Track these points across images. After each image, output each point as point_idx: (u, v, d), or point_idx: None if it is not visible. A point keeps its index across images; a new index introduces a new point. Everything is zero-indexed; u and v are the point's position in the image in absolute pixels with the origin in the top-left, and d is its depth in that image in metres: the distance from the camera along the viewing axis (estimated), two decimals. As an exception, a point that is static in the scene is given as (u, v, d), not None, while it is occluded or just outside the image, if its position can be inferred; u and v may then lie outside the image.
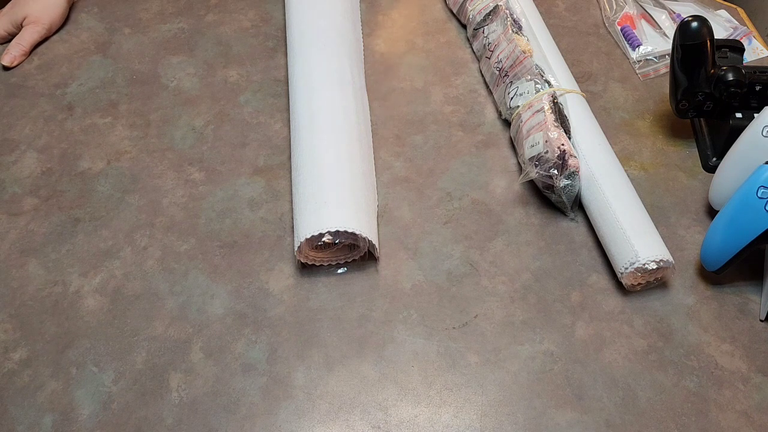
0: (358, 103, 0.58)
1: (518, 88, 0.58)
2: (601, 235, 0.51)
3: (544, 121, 0.54)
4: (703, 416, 0.45)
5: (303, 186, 0.51)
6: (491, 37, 0.64)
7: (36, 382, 0.46)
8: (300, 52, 0.60)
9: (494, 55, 0.62)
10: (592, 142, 0.55)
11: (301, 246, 0.49)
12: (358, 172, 0.52)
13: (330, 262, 0.51)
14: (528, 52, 0.58)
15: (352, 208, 0.49)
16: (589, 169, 0.53)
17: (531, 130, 0.55)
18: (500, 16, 0.63)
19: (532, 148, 0.54)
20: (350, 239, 0.49)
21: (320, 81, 0.57)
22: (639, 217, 0.50)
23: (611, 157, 0.54)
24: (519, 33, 0.61)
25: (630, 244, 0.48)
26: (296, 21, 0.63)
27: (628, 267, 0.48)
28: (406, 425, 0.44)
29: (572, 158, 0.51)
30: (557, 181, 0.52)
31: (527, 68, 0.58)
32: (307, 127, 0.54)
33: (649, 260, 0.47)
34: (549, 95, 0.56)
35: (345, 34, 0.63)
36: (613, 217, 0.50)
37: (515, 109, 0.58)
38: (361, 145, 0.55)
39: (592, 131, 0.56)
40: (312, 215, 0.48)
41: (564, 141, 0.52)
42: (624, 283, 0.49)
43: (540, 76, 0.57)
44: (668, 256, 0.48)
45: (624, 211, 0.50)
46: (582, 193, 0.53)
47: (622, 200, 0.51)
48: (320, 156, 0.52)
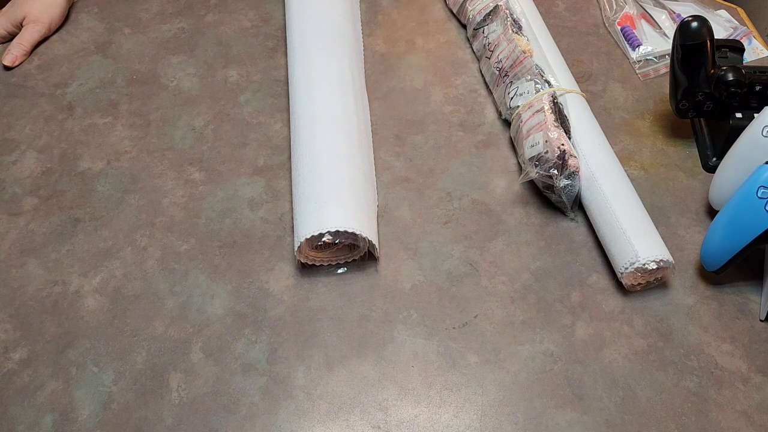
0: (358, 103, 0.58)
1: (518, 88, 0.58)
2: (601, 235, 0.51)
3: (544, 121, 0.54)
4: (703, 416, 0.45)
5: (303, 186, 0.51)
6: (491, 37, 0.63)
7: (36, 382, 0.46)
8: (300, 52, 0.60)
9: (494, 55, 0.62)
10: (592, 142, 0.55)
11: (301, 246, 0.49)
12: (358, 171, 0.52)
13: (330, 262, 0.51)
14: (528, 52, 0.58)
15: (352, 208, 0.49)
16: (589, 169, 0.53)
17: (531, 130, 0.55)
18: (500, 16, 0.63)
19: (532, 148, 0.54)
20: (350, 239, 0.49)
21: (320, 81, 0.57)
22: (639, 217, 0.50)
23: (611, 157, 0.54)
24: (519, 33, 0.61)
25: (630, 244, 0.48)
26: (296, 21, 0.63)
27: (628, 267, 0.48)
28: (406, 425, 0.44)
29: (572, 158, 0.51)
30: (557, 181, 0.52)
31: (527, 68, 0.58)
32: (307, 127, 0.54)
33: (649, 260, 0.47)
34: (549, 95, 0.56)
35: (345, 34, 0.63)
36: (613, 217, 0.50)
37: (515, 109, 0.58)
38: (361, 144, 0.55)
39: (592, 131, 0.56)
40: (312, 215, 0.48)
41: (564, 141, 0.52)
42: (624, 283, 0.49)
43: (540, 76, 0.57)
44: (668, 256, 0.48)
45: (624, 211, 0.50)
46: (582, 193, 0.54)
47: (622, 200, 0.51)
48: (320, 156, 0.52)
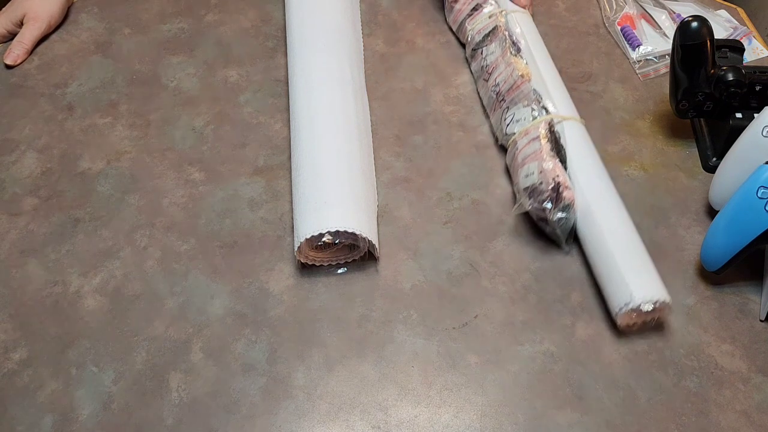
0: (358, 103, 0.58)
1: (514, 114, 0.56)
2: (597, 272, 0.49)
3: (539, 150, 0.52)
4: (703, 416, 0.45)
5: (303, 186, 0.51)
6: (489, 59, 0.61)
7: (36, 382, 0.46)
8: (300, 52, 0.60)
9: (492, 77, 0.60)
10: (590, 173, 0.52)
11: (301, 246, 0.49)
12: (358, 171, 0.52)
13: (330, 262, 0.51)
14: (526, 76, 0.56)
15: (352, 207, 0.49)
16: (586, 202, 0.50)
17: (526, 159, 0.53)
18: (499, 37, 0.61)
19: (526, 178, 0.52)
20: (350, 239, 0.48)
21: (320, 81, 0.57)
22: (636, 255, 0.48)
23: (609, 190, 0.52)
24: (517, 55, 0.59)
25: (625, 284, 0.46)
26: (296, 21, 0.63)
27: (623, 308, 0.46)
28: (406, 425, 0.44)
29: (567, 190, 0.49)
30: (551, 214, 0.50)
31: (524, 93, 0.56)
32: (307, 128, 0.54)
33: (645, 301, 0.45)
34: (546, 123, 0.53)
35: (345, 33, 0.63)
36: (608, 253, 0.48)
37: (511, 135, 0.56)
38: (361, 144, 0.55)
39: (591, 161, 0.53)
40: (312, 215, 0.48)
41: (559, 172, 0.50)
42: (618, 324, 0.47)
43: (537, 102, 0.55)
44: (665, 296, 0.46)
45: (620, 247, 0.48)
46: (578, 226, 0.51)
47: (618, 236, 0.49)
48: (320, 156, 0.52)
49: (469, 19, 0.66)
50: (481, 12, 0.64)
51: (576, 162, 0.53)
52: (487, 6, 0.64)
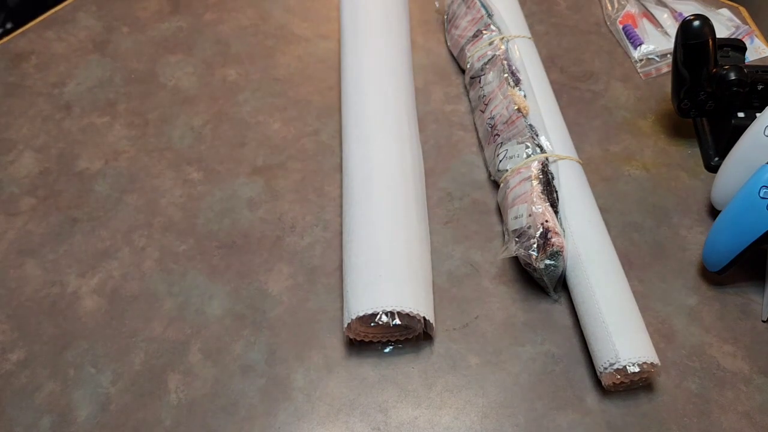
0: (415, 159, 0.54)
1: (508, 150, 0.53)
2: (583, 325, 0.46)
3: (529, 192, 0.49)
4: (705, 417, 0.44)
5: (356, 255, 0.47)
6: (486, 89, 0.58)
7: (34, 383, 0.46)
8: (355, 98, 0.56)
9: (488, 109, 0.57)
10: (583, 217, 0.49)
11: (352, 322, 0.45)
12: (416, 240, 0.48)
13: (380, 340, 0.47)
14: (524, 110, 0.53)
15: (411, 284, 0.45)
16: (576, 249, 0.47)
17: (516, 199, 0.50)
18: (497, 66, 0.58)
19: (515, 219, 0.49)
20: (406, 321, 0.45)
21: (376, 133, 0.53)
22: (625, 310, 0.44)
23: (602, 236, 0.49)
24: (516, 87, 0.56)
25: (611, 342, 0.43)
26: (350, 62, 0.59)
27: (607, 367, 0.43)
28: (407, 427, 0.44)
29: (556, 236, 0.46)
30: (537, 262, 0.47)
31: (519, 129, 0.53)
32: (362, 186, 0.50)
33: (631, 362, 0.42)
34: (539, 162, 0.50)
35: (401, 76, 0.58)
36: (596, 307, 0.45)
37: (504, 172, 0.53)
38: (417, 206, 0.51)
39: (585, 205, 0.50)
40: (365, 291, 0.45)
41: (549, 217, 0.47)
42: (603, 383, 0.44)
43: (532, 140, 0.52)
44: (654, 357, 0.43)
45: (609, 301, 0.45)
46: (567, 274, 0.48)
47: (608, 288, 0.45)
48: (376, 221, 0.48)
49: (469, 45, 0.63)
50: (481, 38, 0.61)
51: (569, 205, 0.50)
52: (488, 32, 0.61)
